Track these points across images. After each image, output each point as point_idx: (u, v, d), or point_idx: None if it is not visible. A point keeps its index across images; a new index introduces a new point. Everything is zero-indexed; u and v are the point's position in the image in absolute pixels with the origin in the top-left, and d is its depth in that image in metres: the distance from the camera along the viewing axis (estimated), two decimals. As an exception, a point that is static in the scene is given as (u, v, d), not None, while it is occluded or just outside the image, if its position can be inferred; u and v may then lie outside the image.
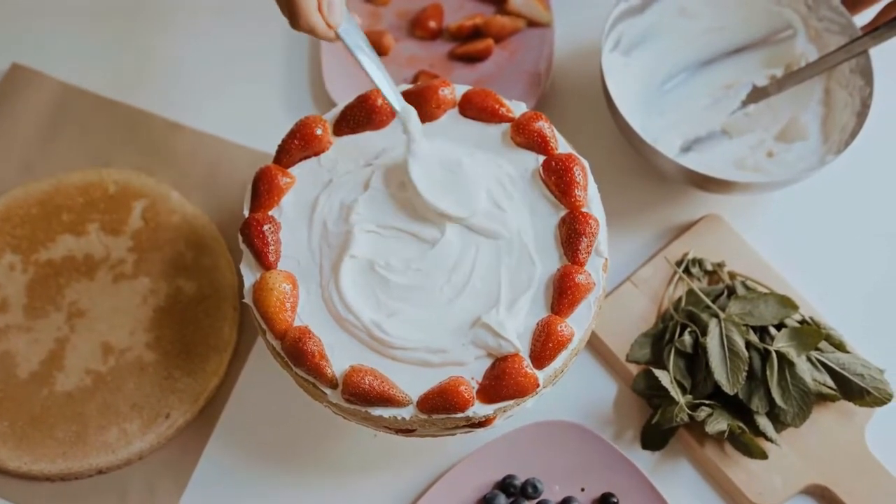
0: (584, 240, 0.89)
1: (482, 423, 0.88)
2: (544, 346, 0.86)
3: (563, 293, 0.88)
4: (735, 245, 1.09)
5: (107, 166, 1.14)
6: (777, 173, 1.07)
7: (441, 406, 0.85)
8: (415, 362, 0.87)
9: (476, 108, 0.95)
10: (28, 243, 1.09)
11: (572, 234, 0.90)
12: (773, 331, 1.00)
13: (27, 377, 1.03)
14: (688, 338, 1.01)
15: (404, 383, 0.86)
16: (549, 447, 1.00)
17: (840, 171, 1.07)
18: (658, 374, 0.99)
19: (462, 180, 0.91)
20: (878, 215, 1.13)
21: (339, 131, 0.96)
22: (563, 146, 0.95)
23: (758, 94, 1.11)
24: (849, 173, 1.10)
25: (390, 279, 0.90)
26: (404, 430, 0.90)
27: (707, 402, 0.99)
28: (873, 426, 1.02)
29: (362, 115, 0.95)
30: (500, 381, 0.85)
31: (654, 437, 1.01)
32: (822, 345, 1.01)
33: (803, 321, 1.03)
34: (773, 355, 0.97)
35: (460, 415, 0.85)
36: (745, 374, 0.97)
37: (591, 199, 0.92)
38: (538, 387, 0.86)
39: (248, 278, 0.90)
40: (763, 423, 0.98)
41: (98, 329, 1.05)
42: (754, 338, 0.99)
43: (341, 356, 0.87)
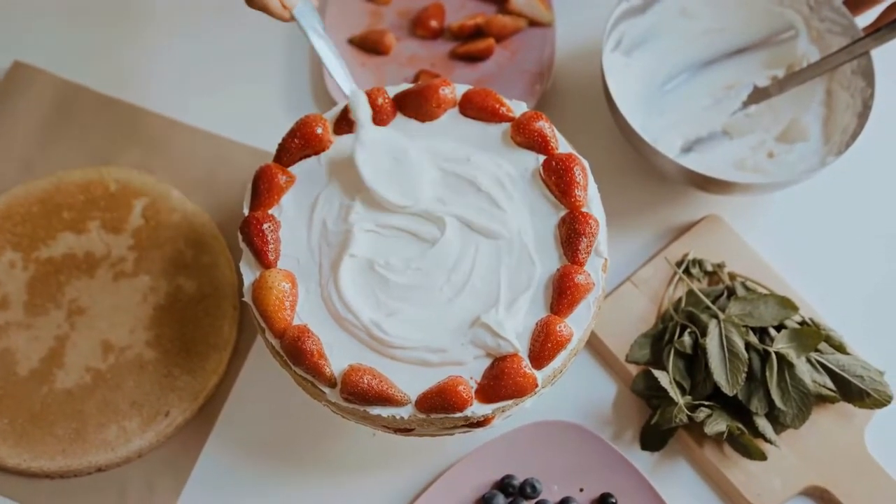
0: (584, 240, 0.89)
1: (481, 422, 0.88)
2: (543, 346, 0.86)
3: (562, 293, 0.88)
4: (735, 246, 1.09)
5: (107, 164, 1.14)
6: (778, 174, 1.07)
7: (440, 406, 0.85)
8: (414, 362, 0.87)
9: (476, 108, 0.95)
10: (29, 241, 1.09)
11: (572, 234, 0.89)
12: (772, 332, 1.00)
13: (27, 374, 1.04)
14: (687, 338, 1.01)
15: (403, 383, 0.86)
16: (547, 447, 1.00)
17: (841, 172, 1.07)
18: (657, 374, 0.99)
19: (407, 169, 0.91)
20: (879, 217, 1.13)
21: (340, 130, 0.96)
22: (563, 146, 0.95)
23: (759, 95, 1.11)
24: (850, 175, 1.10)
25: (390, 278, 0.90)
26: (403, 429, 0.90)
27: (706, 403, 0.98)
28: (873, 428, 1.02)
29: (362, 114, 0.95)
30: (499, 380, 0.85)
31: (653, 438, 1.01)
32: (822, 346, 1.01)
33: (803, 322, 1.03)
34: (773, 356, 0.97)
35: (459, 414, 0.85)
36: (744, 375, 0.96)
37: (591, 199, 0.92)
38: (537, 387, 0.86)
39: (248, 277, 0.90)
40: (762, 424, 0.98)
41: (98, 327, 1.05)
42: (754, 339, 0.99)
43: (340, 355, 0.87)
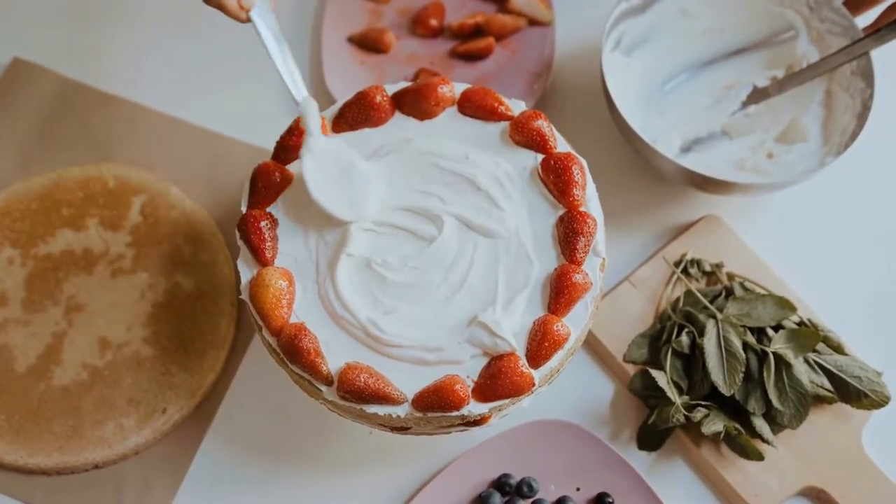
0: (582, 239, 0.89)
1: (477, 421, 0.88)
2: (540, 345, 0.86)
3: (559, 292, 0.88)
4: (734, 246, 1.09)
5: (106, 161, 1.14)
6: (777, 175, 1.07)
7: (436, 404, 0.85)
8: (411, 360, 0.87)
9: (475, 107, 0.95)
10: (27, 237, 1.09)
11: (570, 233, 0.89)
12: (770, 332, 1.00)
13: (24, 371, 1.04)
14: (685, 338, 1.01)
15: (400, 381, 0.86)
16: (544, 446, 1.00)
17: (840, 172, 1.07)
18: (655, 374, 0.99)
19: (354, 181, 0.90)
20: (878, 217, 1.13)
21: (338, 128, 0.96)
22: (562, 145, 0.94)
23: (758, 95, 1.11)
24: (849, 175, 1.10)
25: (387, 277, 0.90)
26: (399, 427, 0.90)
27: (703, 403, 0.98)
28: (870, 429, 1.02)
29: (361, 113, 0.95)
30: (496, 379, 0.85)
31: (651, 438, 1.01)
32: (820, 347, 1.00)
33: (801, 323, 1.02)
34: (771, 357, 0.97)
35: (455, 413, 0.85)
36: (741, 375, 0.96)
37: (590, 199, 0.92)
38: (534, 386, 0.86)
39: (245, 274, 0.90)
40: (759, 424, 0.98)
41: (96, 324, 1.05)
42: (752, 339, 0.99)
43: (337, 353, 0.87)
